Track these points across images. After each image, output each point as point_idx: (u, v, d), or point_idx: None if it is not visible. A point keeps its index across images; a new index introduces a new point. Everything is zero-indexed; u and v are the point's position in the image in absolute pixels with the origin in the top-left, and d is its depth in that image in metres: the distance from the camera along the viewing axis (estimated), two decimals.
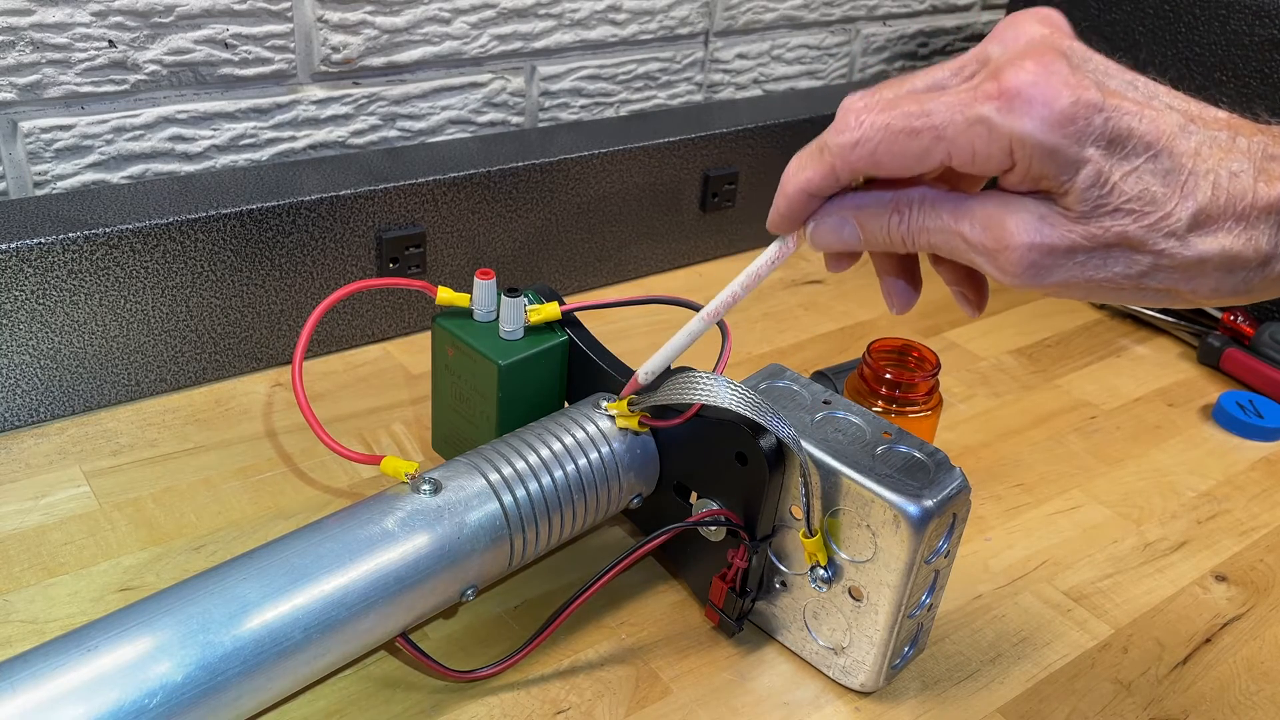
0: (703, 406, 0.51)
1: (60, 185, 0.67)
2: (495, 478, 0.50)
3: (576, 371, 0.59)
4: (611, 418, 0.54)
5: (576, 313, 0.59)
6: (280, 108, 0.73)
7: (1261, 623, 0.59)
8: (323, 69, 0.74)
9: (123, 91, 0.67)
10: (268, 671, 0.43)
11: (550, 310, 0.58)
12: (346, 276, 0.73)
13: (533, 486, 0.51)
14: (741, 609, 0.53)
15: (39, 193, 0.67)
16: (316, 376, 0.72)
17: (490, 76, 0.82)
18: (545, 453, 0.52)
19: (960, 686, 0.53)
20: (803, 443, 0.49)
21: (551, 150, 0.80)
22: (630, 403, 0.53)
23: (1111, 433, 0.75)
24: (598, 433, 0.53)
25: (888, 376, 0.61)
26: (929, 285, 0.45)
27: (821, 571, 0.50)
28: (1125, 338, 0.87)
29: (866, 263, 0.45)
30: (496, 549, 0.50)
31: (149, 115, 0.68)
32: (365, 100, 0.76)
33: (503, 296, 0.57)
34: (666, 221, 0.88)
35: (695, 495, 0.54)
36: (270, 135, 0.73)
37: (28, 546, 0.56)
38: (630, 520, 0.61)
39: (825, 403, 0.53)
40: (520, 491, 0.50)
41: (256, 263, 0.68)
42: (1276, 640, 0.58)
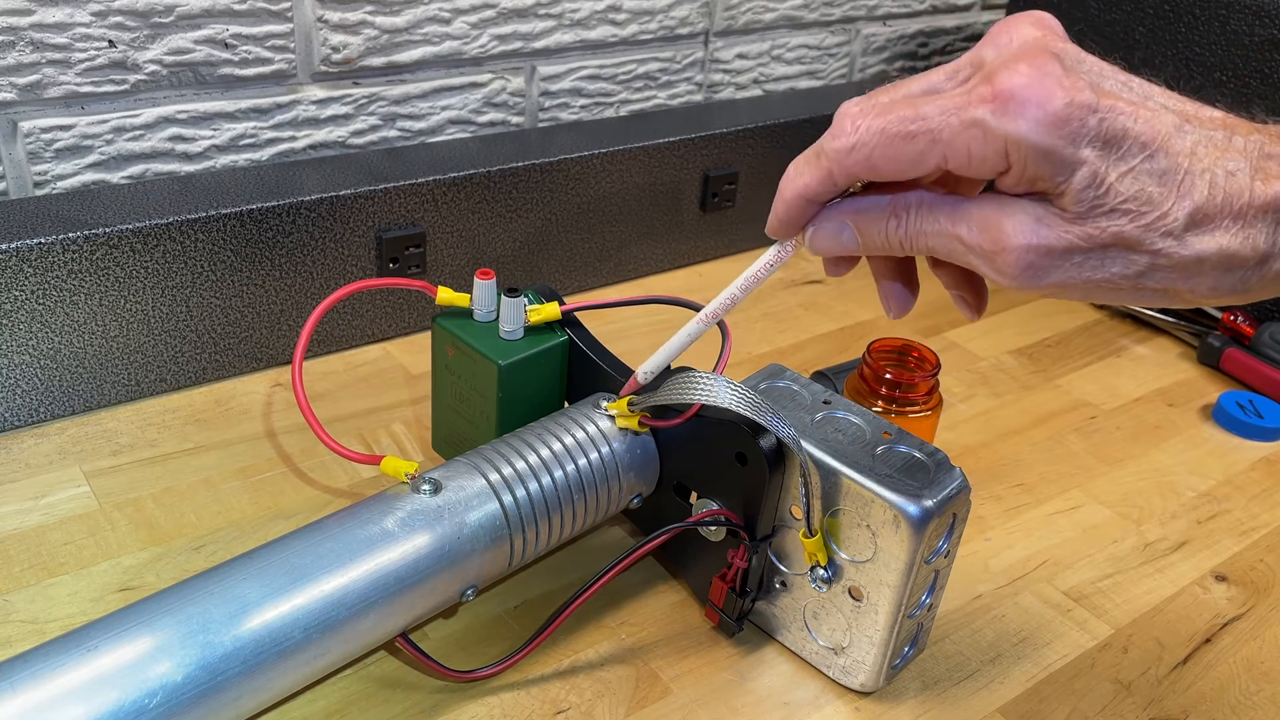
0: (703, 406, 0.51)
1: (60, 185, 0.67)
2: (495, 478, 0.50)
3: (576, 371, 0.59)
4: (611, 418, 0.54)
5: (576, 313, 0.59)
6: (280, 108, 0.73)
7: (1261, 623, 0.59)
8: (323, 69, 0.74)
9: (123, 91, 0.67)
10: (268, 671, 0.43)
11: (550, 310, 0.58)
12: (346, 276, 0.73)
13: (533, 486, 0.51)
14: (741, 609, 0.53)
15: (39, 193, 0.67)
16: (316, 376, 0.72)
17: (490, 76, 0.82)
18: (545, 453, 0.52)
19: (960, 686, 0.53)
20: (803, 443, 0.49)
21: (551, 150, 0.80)
22: (630, 403, 0.53)
23: (1111, 433, 0.75)
24: (598, 433, 0.53)
25: (888, 376, 0.61)
26: (929, 285, 0.45)
27: (821, 571, 0.51)
28: (1125, 338, 0.87)
29: (866, 263, 0.45)
30: (496, 549, 0.50)
31: (149, 115, 0.68)
32: (365, 100, 0.76)
33: (503, 296, 0.57)
34: (666, 221, 0.88)
35: (695, 495, 0.54)
36: (270, 135, 0.74)
37: (28, 546, 0.56)
38: (630, 520, 0.61)
39: (825, 403, 0.53)
40: (520, 491, 0.50)
41: (256, 263, 0.68)
42: (1276, 640, 0.58)
